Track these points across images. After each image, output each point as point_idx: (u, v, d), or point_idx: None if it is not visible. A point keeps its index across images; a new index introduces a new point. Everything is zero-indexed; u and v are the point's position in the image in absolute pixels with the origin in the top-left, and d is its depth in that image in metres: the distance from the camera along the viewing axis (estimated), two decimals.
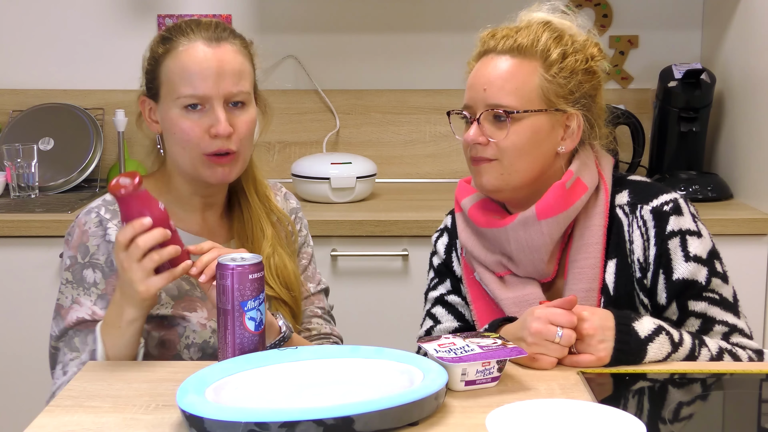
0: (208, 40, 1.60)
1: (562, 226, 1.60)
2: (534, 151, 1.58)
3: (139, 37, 3.02)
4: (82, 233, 1.61)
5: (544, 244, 1.60)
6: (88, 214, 1.63)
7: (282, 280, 1.69)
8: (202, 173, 1.60)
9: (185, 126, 1.58)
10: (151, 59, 1.63)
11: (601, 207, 1.62)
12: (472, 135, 1.59)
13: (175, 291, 1.62)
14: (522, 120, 1.57)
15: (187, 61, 1.58)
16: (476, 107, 1.60)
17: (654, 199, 1.60)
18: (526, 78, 1.57)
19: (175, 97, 1.58)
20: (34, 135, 2.93)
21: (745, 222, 2.50)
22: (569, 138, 1.61)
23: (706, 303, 1.57)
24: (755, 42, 2.65)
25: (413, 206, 2.68)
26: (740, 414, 1.40)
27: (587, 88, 1.60)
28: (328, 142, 3.08)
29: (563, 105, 1.58)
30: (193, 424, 1.20)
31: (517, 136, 1.57)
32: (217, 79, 1.57)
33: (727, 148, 2.85)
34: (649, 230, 1.58)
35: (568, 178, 1.59)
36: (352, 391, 1.33)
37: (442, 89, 3.08)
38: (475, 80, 1.62)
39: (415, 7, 3.06)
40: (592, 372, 1.44)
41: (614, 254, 1.61)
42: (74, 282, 1.60)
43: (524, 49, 1.58)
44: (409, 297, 2.51)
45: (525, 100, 1.57)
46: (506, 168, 1.58)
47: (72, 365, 1.56)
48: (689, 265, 1.56)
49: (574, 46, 1.59)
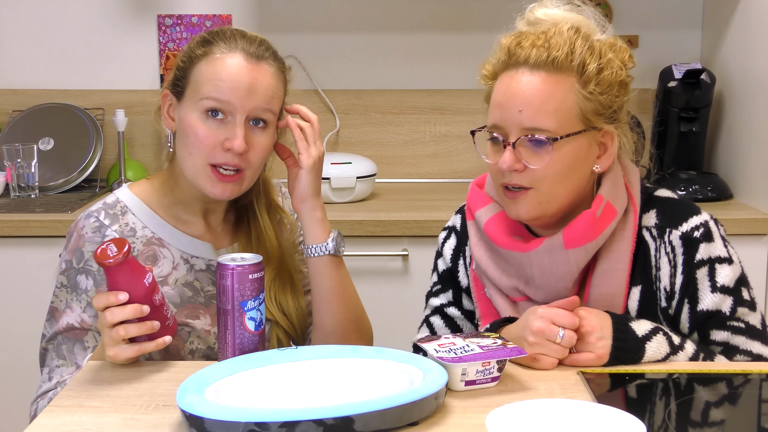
0: (249, 55, 1.56)
1: (589, 255, 1.52)
2: (572, 176, 1.49)
3: (139, 37, 3.04)
4: (79, 237, 1.59)
5: (570, 272, 1.53)
6: (88, 218, 1.60)
7: (279, 305, 1.67)
8: (201, 184, 1.56)
9: (200, 131, 1.54)
10: (186, 58, 1.59)
11: (629, 231, 1.53)
12: (508, 162, 1.47)
13: (177, 299, 1.60)
14: (563, 145, 1.46)
15: (221, 68, 1.54)
16: (509, 129, 1.48)
17: (684, 222, 1.53)
18: (564, 97, 1.46)
19: (199, 99, 1.54)
20: (34, 135, 2.93)
21: (745, 222, 2.50)
22: (605, 156, 1.52)
23: (729, 332, 1.52)
24: (755, 42, 2.65)
25: (413, 206, 2.68)
26: (740, 414, 1.40)
27: (623, 101, 1.52)
28: (328, 142, 3.07)
29: (601, 123, 1.49)
30: (193, 424, 1.20)
31: (558, 163, 1.46)
32: (246, 94, 1.53)
33: (727, 148, 2.85)
34: (677, 257, 1.52)
35: (598, 205, 1.50)
36: (352, 391, 1.33)
37: (442, 89, 3.07)
38: (505, 98, 1.49)
39: (414, 8, 3.06)
40: (592, 372, 1.44)
41: (639, 280, 1.55)
42: (68, 286, 1.58)
43: (560, 63, 1.46)
44: (409, 297, 2.51)
45: (564, 122, 1.46)
46: (545, 196, 1.48)
47: (57, 372, 1.56)
48: (715, 296, 1.51)
49: (608, 56, 1.49)
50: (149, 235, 1.61)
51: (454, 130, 3.08)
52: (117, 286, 1.40)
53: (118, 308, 1.40)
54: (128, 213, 1.61)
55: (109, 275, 1.40)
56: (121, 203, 1.62)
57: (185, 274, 1.62)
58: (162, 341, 1.44)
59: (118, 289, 1.40)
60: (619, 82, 1.50)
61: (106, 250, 1.39)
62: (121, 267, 1.39)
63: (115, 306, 1.40)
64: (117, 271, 1.39)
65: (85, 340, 1.57)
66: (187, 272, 1.63)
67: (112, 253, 1.38)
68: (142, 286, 1.41)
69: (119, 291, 1.40)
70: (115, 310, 1.40)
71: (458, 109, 3.06)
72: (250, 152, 1.55)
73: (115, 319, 1.40)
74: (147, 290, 1.42)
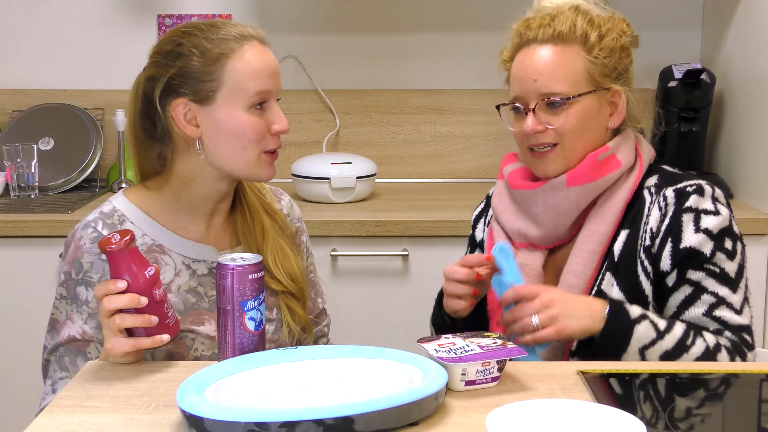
0: (262, 41, 1.60)
1: (589, 196, 1.66)
2: (589, 130, 1.66)
3: (139, 37, 3.04)
4: (77, 248, 1.57)
5: (569, 210, 1.67)
6: (85, 228, 1.58)
7: (287, 271, 1.68)
8: (257, 172, 1.59)
9: (254, 125, 1.56)
10: (203, 59, 1.54)
11: (630, 184, 1.67)
12: (531, 125, 1.65)
13: (181, 306, 1.60)
14: (576, 104, 1.64)
15: (255, 60, 1.56)
16: (528, 98, 1.66)
17: (680, 182, 1.65)
18: (572, 62, 1.65)
19: (247, 96, 1.55)
20: (34, 135, 2.93)
21: (745, 222, 2.49)
22: (617, 114, 1.69)
23: (703, 273, 1.60)
24: (755, 42, 2.65)
25: (413, 206, 2.68)
26: (740, 414, 1.40)
27: (626, 63, 1.70)
28: (328, 142, 3.08)
29: (608, 83, 1.67)
30: (193, 424, 1.20)
31: (574, 119, 1.64)
32: (276, 77, 1.60)
33: (727, 148, 2.85)
34: (668, 206, 1.63)
35: (602, 151, 1.66)
36: (352, 391, 1.33)
37: (442, 89, 3.07)
38: (521, 72, 1.67)
39: (414, 8, 3.06)
40: (592, 372, 1.44)
41: (628, 225, 1.66)
42: (68, 298, 1.57)
43: (564, 35, 1.65)
44: (409, 297, 2.52)
45: (574, 84, 1.64)
46: (567, 151, 1.66)
47: (60, 385, 1.56)
48: (698, 236, 1.60)
49: (607, 26, 1.68)
50: (149, 243, 1.60)
51: (454, 130, 3.08)
52: (117, 274, 1.42)
53: (116, 296, 1.41)
54: (126, 221, 1.60)
55: (111, 262, 1.42)
56: (119, 212, 1.61)
57: (188, 280, 1.62)
58: (159, 338, 1.44)
59: (118, 277, 1.42)
60: (620, 47, 1.69)
61: (110, 238, 1.41)
62: (122, 255, 1.41)
63: (113, 294, 1.41)
64: (118, 259, 1.41)
65: (88, 351, 1.56)
66: (189, 278, 1.62)
67: (114, 240, 1.41)
68: (143, 277, 1.42)
69: (118, 279, 1.41)
70: (112, 297, 1.41)
71: (458, 109, 3.06)
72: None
73: (111, 305, 1.41)
74: (147, 282, 1.42)
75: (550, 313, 1.51)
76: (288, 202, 1.82)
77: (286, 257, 1.70)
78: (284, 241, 1.72)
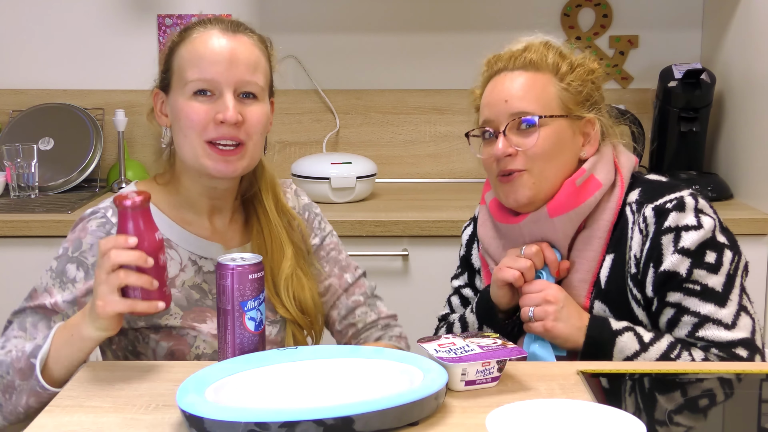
0: (224, 29, 1.58)
1: (575, 223, 1.62)
2: (560, 157, 1.62)
3: (139, 37, 3.04)
4: (83, 229, 1.57)
5: (557, 239, 1.63)
6: (95, 213, 1.59)
7: (298, 303, 1.65)
8: (204, 164, 1.55)
9: (190, 111, 1.53)
10: (167, 50, 1.61)
11: (613, 203, 1.63)
12: (501, 147, 1.60)
13: (184, 302, 1.59)
14: (547, 125, 1.60)
15: (199, 46, 1.55)
16: (498, 120, 1.62)
17: (660, 198, 1.60)
18: (544, 88, 1.62)
19: (184, 84, 1.54)
20: (34, 135, 2.93)
21: (745, 222, 2.50)
22: (589, 145, 1.65)
23: (682, 294, 1.56)
24: (755, 42, 2.65)
25: (413, 206, 2.68)
26: (740, 414, 1.40)
27: (597, 95, 1.67)
28: (328, 142, 3.08)
29: (581, 111, 1.63)
30: (193, 424, 1.20)
31: (545, 142, 1.59)
32: (228, 65, 1.54)
33: (727, 148, 2.85)
34: (648, 227, 1.58)
35: (579, 175, 1.61)
36: (352, 391, 1.33)
37: (442, 89, 3.08)
38: (492, 97, 1.64)
39: (415, 8, 3.06)
40: (592, 372, 1.44)
41: (613, 250, 1.62)
42: (55, 271, 1.55)
43: (536, 63, 1.62)
44: (409, 297, 2.51)
45: (546, 107, 1.60)
46: (537, 176, 1.60)
47: (12, 343, 1.51)
48: (674, 257, 1.55)
49: (578, 60, 1.66)
50: None
51: (454, 130, 3.08)
52: (128, 231, 1.38)
53: (122, 251, 1.36)
54: None
55: (123, 219, 1.39)
56: None
57: (193, 275, 1.61)
58: (155, 304, 1.39)
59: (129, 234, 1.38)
60: (591, 80, 1.66)
61: (127, 194, 1.39)
62: (136, 213, 1.38)
63: (121, 248, 1.37)
64: (132, 216, 1.38)
65: (53, 319, 1.53)
66: (194, 274, 1.62)
67: (131, 196, 1.38)
68: (153, 239, 1.39)
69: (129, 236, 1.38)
70: (121, 252, 1.36)
71: (458, 109, 3.06)
72: (246, 124, 1.55)
73: (119, 259, 1.36)
74: (156, 245, 1.40)
75: (546, 308, 1.57)
76: (293, 194, 1.78)
77: (301, 287, 1.66)
78: (305, 270, 1.69)
